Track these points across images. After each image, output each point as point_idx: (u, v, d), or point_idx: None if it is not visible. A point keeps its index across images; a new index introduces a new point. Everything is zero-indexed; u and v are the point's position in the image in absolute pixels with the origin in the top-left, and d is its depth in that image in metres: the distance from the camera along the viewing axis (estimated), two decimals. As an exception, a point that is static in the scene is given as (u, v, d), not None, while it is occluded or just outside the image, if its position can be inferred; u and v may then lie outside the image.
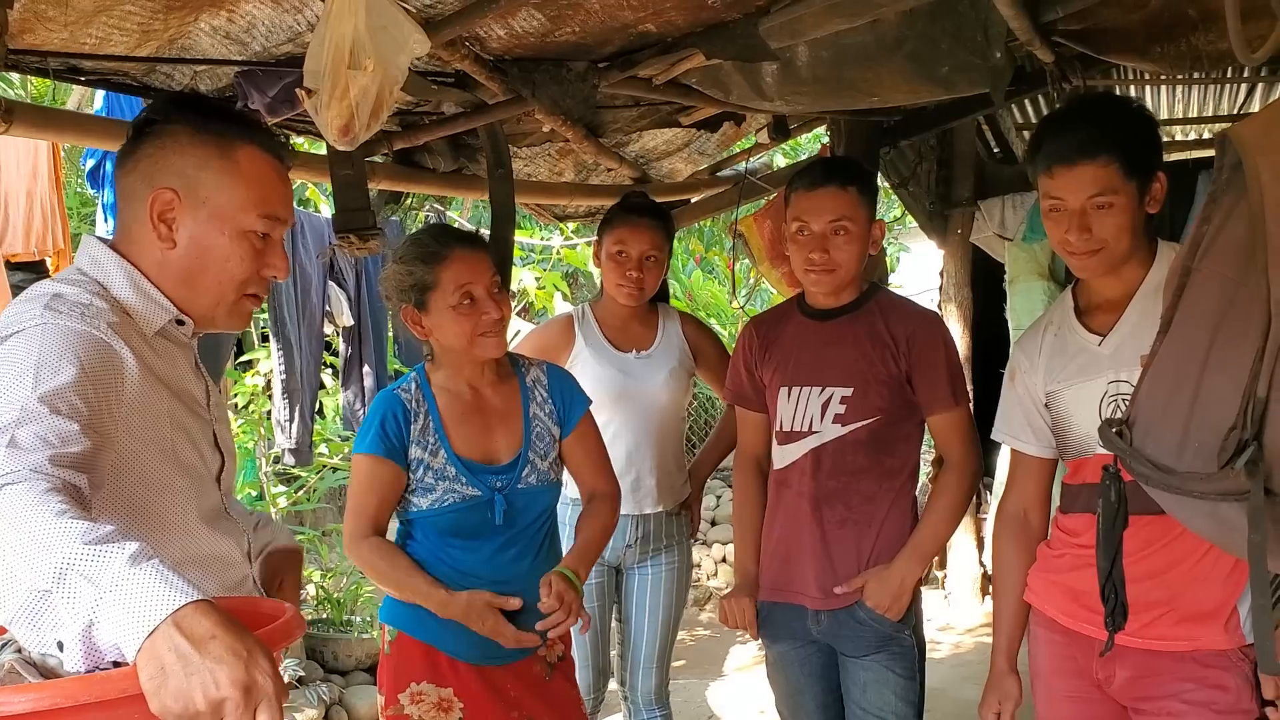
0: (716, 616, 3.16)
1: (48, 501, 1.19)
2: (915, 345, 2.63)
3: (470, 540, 2.48)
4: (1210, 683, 2.08)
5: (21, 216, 5.28)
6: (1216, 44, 2.61)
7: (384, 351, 6.80)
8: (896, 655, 2.66)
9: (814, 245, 2.60)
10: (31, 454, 1.27)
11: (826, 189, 2.60)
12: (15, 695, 1.04)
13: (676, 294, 8.90)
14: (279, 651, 1.22)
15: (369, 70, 1.61)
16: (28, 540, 1.14)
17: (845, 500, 2.65)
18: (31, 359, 1.40)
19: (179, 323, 1.67)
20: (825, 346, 2.69)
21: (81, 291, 1.56)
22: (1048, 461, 2.37)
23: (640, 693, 3.40)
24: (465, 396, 2.53)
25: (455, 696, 2.47)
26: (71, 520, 1.16)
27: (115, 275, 1.62)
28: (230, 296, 1.67)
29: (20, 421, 1.31)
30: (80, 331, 1.47)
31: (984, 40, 2.62)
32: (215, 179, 1.62)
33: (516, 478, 2.51)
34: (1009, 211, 5.20)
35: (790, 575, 2.74)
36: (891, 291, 2.85)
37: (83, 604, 1.09)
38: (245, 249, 1.64)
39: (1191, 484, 1.60)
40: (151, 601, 1.08)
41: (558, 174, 4.27)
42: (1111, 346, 2.15)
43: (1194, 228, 1.69)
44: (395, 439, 2.45)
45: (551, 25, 2.52)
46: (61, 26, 2.22)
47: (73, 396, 1.38)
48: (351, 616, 5.38)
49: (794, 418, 2.70)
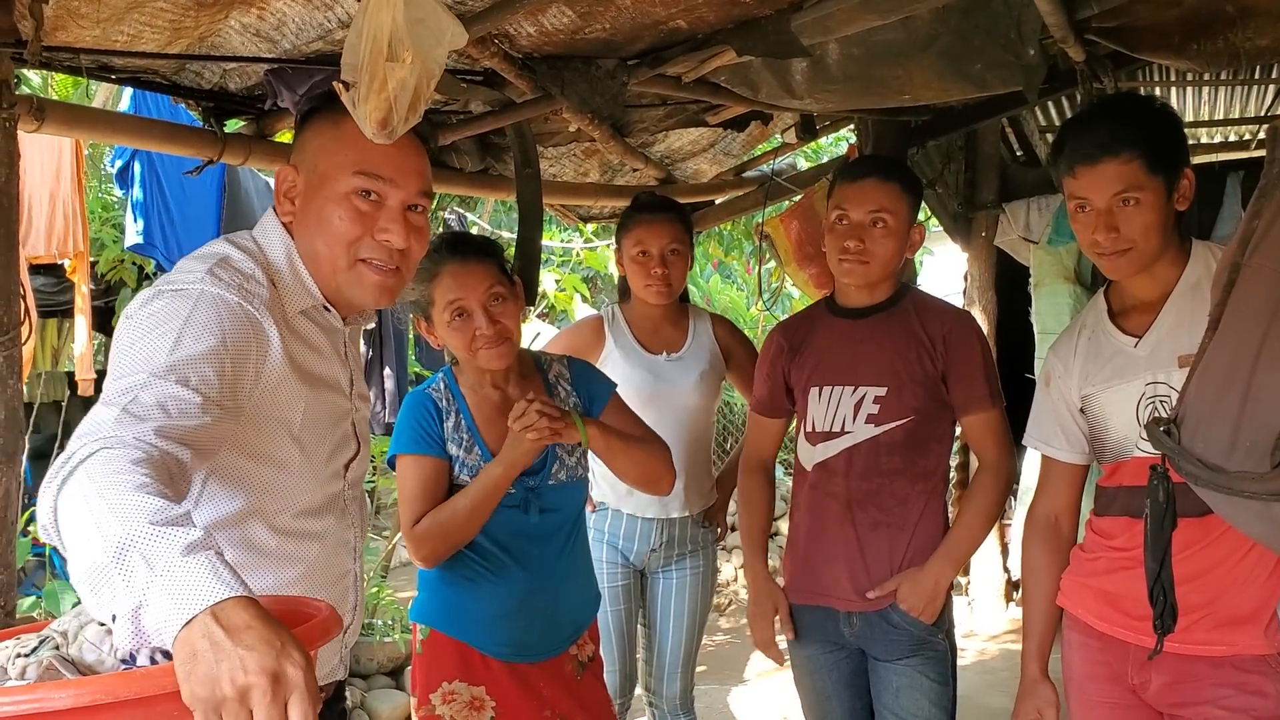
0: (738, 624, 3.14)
1: (133, 473, 1.20)
2: (952, 344, 2.60)
3: (506, 537, 2.46)
4: (1249, 689, 2.04)
5: (44, 219, 5.31)
6: (1255, 40, 2.58)
7: (404, 354, 6.81)
8: (930, 660, 2.63)
9: (851, 234, 2.58)
10: (142, 423, 1.31)
11: (870, 180, 2.59)
12: (56, 691, 1.03)
13: (695, 299, 8.89)
14: (316, 650, 1.21)
15: (407, 63, 1.60)
16: (104, 509, 1.15)
17: (878, 503, 2.62)
18: (179, 321, 1.46)
19: (325, 309, 1.73)
20: (859, 345, 2.65)
21: (247, 259, 1.63)
22: (1079, 467, 2.34)
23: (666, 698, 3.38)
24: (492, 398, 2.52)
25: (488, 695, 2.45)
26: (146, 496, 1.16)
27: (278, 250, 1.69)
28: (341, 260, 1.69)
29: (146, 384, 1.36)
30: (234, 304, 1.53)
31: (1017, 37, 2.60)
32: (323, 145, 1.70)
33: (547, 475, 2.50)
34: (1034, 214, 5.17)
35: (820, 578, 2.70)
36: (924, 291, 2.82)
37: (137, 584, 1.09)
38: (348, 209, 1.67)
39: (1242, 484, 1.57)
40: (195, 591, 1.07)
41: (583, 174, 4.26)
42: (1148, 347, 2.12)
43: (1243, 223, 1.67)
44: (433, 434, 2.45)
45: (581, 22, 2.50)
46: (94, 24, 2.21)
47: (206, 367, 1.44)
48: (373, 620, 5.37)
49: (825, 418, 2.67)
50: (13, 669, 1.10)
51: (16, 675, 1.09)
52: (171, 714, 1.05)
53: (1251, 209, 1.64)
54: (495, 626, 2.43)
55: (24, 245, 5.06)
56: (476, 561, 2.45)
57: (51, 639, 1.18)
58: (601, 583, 3.20)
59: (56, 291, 6.36)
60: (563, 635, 2.56)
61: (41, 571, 5.31)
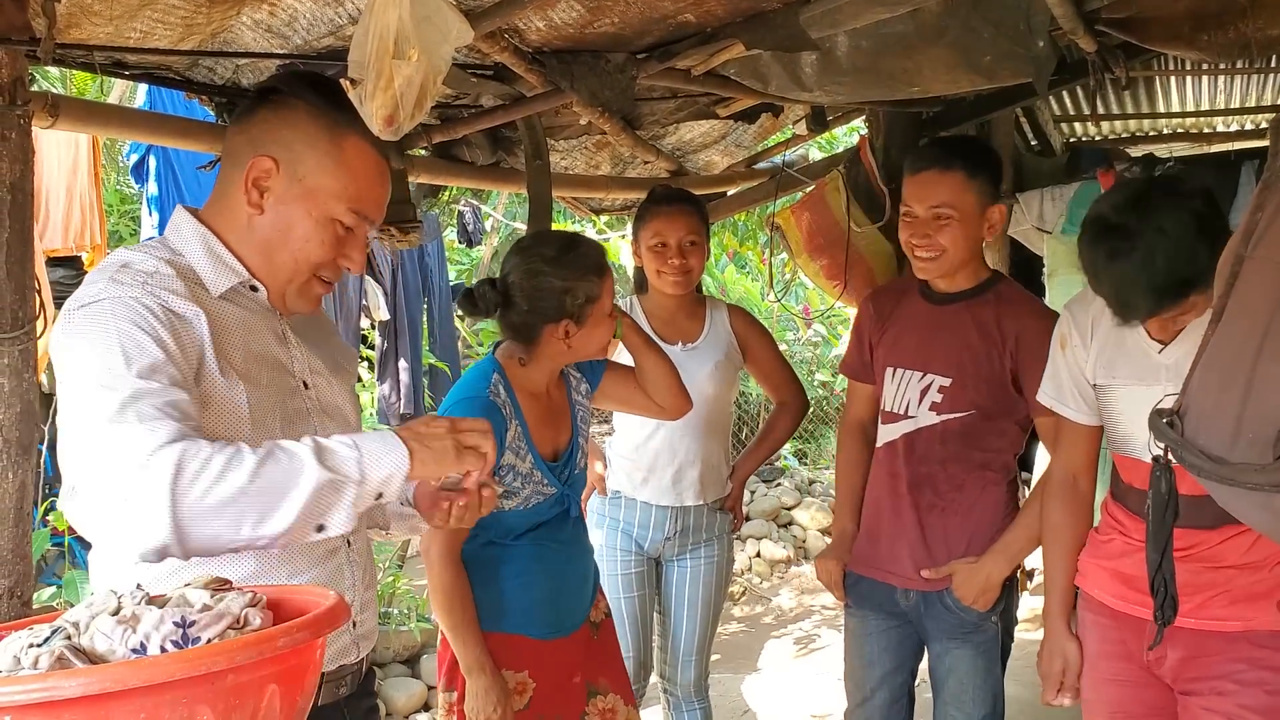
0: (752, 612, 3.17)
1: (227, 450, 1.40)
2: (1023, 344, 2.58)
3: (545, 532, 2.53)
4: (1263, 663, 2.06)
5: (61, 212, 5.34)
6: (1266, 30, 2.56)
7: (419, 346, 6.83)
8: (979, 645, 2.69)
9: (917, 230, 2.59)
10: (166, 422, 1.41)
11: (929, 172, 2.59)
12: (66, 679, 1.05)
13: (710, 289, 8.88)
14: (325, 637, 1.23)
15: (413, 60, 1.61)
16: (269, 475, 1.39)
17: (933, 486, 2.67)
18: (113, 338, 1.47)
19: (253, 289, 1.70)
20: (935, 332, 2.67)
21: (148, 258, 1.61)
22: (1094, 429, 2.35)
23: (680, 685, 3.40)
24: (542, 398, 2.57)
25: (530, 678, 2.53)
26: (259, 453, 1.41)
27: (192, 240, 1.67)
28: (302, 276, 1.70)
29: (137, 397, 1.42)
30: (141, 300, 1.52)
31: (1026, 29, 2.59)
32: (317, 160, 1.66)
33: (572, 465, 2.57)
34: (1048, 204, 5.14)
35: (880, 552, 2.78)
36: (1015, 283, 2.79)
37: (352, 471, 1.43)
38: (327, 235, 1.68)
39: (1245, 475, 1.57)
40: (383, 441, 1.48)
41: (594, 167, 4.27)
42: (1173, 357, 2.10)
43: (1246, 215, 1.66)
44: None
45: (590, 16, 2.51)
46: (107, 21, 2.23)
47: (169, 367, 1.48)
48: (389, 609, 5.40)
49: (894, 399, 2.72)
50: (25, 658, 1.12)
51: (29, 665, 1.11)
52: (180, 701, 1.07)
53: (1255, 201, 1.64)
54: (544, 610, 2.52)
55: (41, 238, 5.13)
56: (528, 561, 2.51)
57: (64, 629, 1.19)
58: (615, 570, 3.24)
59: (75, 284, 6.35)
60: (587, 599, 2.66)
61: (61, 561, 5.36)
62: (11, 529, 2.03)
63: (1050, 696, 2.39)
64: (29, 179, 2.06)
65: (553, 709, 2.56)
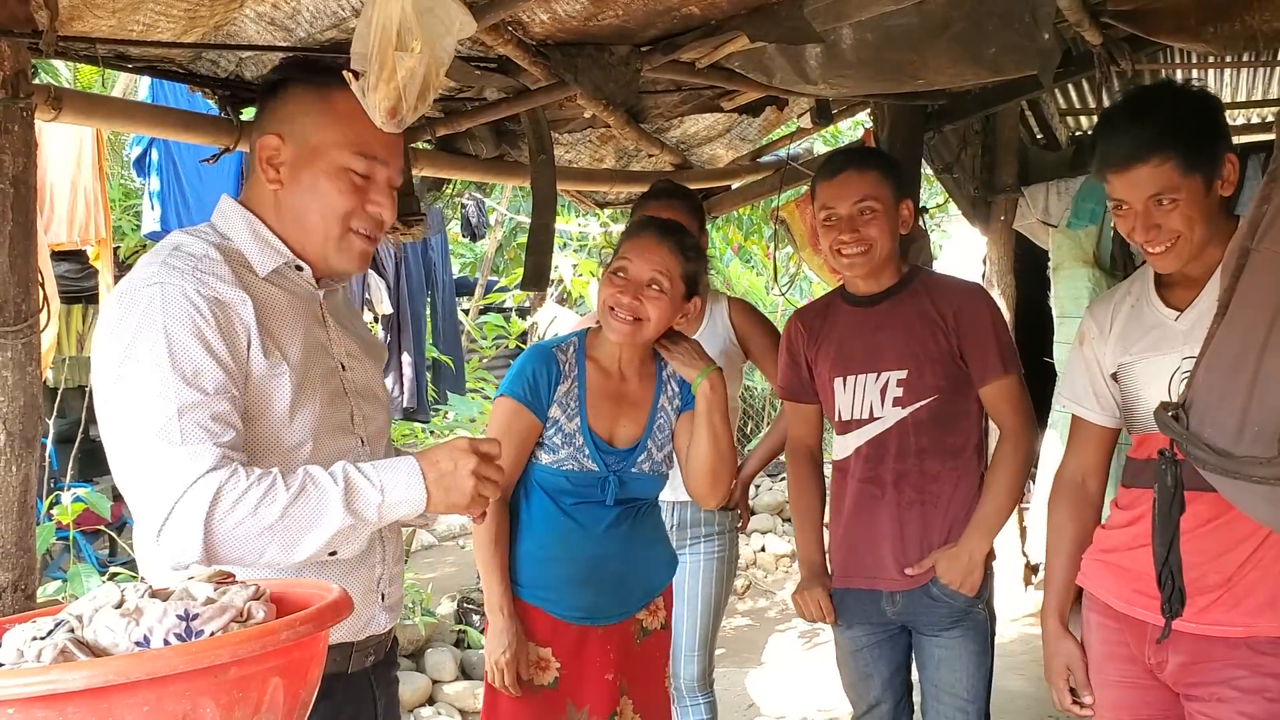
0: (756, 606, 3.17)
1: (264, 480, 1.53)
2: (963, 319, 2.67)
3: (572, 507, 2.55)
4: (1264, 670, 2.04)
5: (65, 205, 5.34)
6: (1272, 23, 2.56)
7: (422, 339, 6.84)
8: (970, 631, 2.72)
9: (843, 228, 2.65)
10: (208, 445, 1.53)
11: (847, 173, 2.67)
12: (69, 672, 1.05)
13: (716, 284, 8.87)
14: (327, 630, 1.23)
15: (416, 52, 1.61)
16: (301, 509, 1.53)
17: (912, 482, 2.70)
18: (160, 338, 1.56)
19: (298, 269, 1.79)
20: (875, 332, 2.71)
21: (198, 241, 1.70)
22: (1109, 430, 2.35)
23: (684, 679, 3.40)
24: (611, 375, 2.60)
25: (553, 657, 2.56)
26: (290, 484, 1.54)
27: (238, 224, 1.76)
28: (335, 230, 1.77)
29: (182, 411, 1.53)
30: (190, 298, 1.60)
31: (1031, 21, 2.58)
32: (315, 120, 1.76)
33: (632, 463, 2.58)
34: (1053, 198, 5.14)
35: (862, 560, 2.78)
36: (932, 270, 2.87)
37: (372, 501, 1.58)
38: (344, 184, 1.76)
39: (1250, 468, 1.57)
40: (403, 469, 1.61)
41: (598, 160, 4.26)
42: (1188, 322, 2.11)
43: (1252, 207, 1.66)
44: (542, 394, 2.52)
45: (594, 9, 2.50)
46: (109, 13, 2.23)
47: (214, 369, 1.57)
48: (393, 603, 5.39)
49: (853, 406, 2.75)
50: (29, 651, 1.12)
51: (32, 658, 1.11)
52: (183, 694, 1.07)
53: (1260, 194, 1.64)
54: (566, 591, 2.55)
55: (46, 232, 5.13)
56: (548, 531, 2.54)
57: (67, 622, 1.19)
58: None
59: (80, 278, 6.41)
60: (634, 600, 2.66)
61: (66, 555, 5.37)
62: (15, 522, 2.03)
63: (1065, 701, 2.36)
64: (32, 172, 2.06)
65: (582, 698, 2.57)
